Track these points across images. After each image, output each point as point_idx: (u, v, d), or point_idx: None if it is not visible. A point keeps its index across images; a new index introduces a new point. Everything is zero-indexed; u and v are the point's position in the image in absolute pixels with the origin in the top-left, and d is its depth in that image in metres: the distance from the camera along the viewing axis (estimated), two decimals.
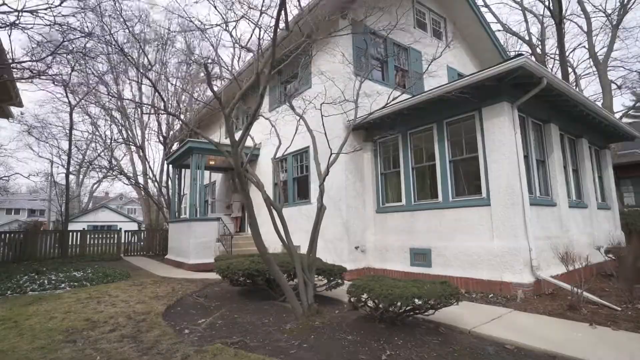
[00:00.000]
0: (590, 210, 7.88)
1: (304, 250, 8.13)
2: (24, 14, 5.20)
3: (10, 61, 5.52)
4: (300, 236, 7.26)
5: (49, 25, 5.44)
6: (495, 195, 5.61)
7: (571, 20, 19.54)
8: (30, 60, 5.93)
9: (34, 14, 5.31)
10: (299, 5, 4.01)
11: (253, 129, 10.52)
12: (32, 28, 5.32)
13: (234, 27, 4.68)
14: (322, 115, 5.55)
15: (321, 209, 4.62)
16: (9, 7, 5.12)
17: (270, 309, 4.77)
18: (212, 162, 11.61)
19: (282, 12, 3.39)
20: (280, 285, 4.27)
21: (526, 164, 6.19)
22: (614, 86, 19.41)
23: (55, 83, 8.35)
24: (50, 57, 6.58)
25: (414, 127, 7.07)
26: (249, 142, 10.67)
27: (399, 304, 3.44)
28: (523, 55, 5.01)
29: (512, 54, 23.42)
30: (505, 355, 3.14)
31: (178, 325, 4.05)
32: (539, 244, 5.55)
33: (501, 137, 5.59)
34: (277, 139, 6.27)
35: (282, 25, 3.84)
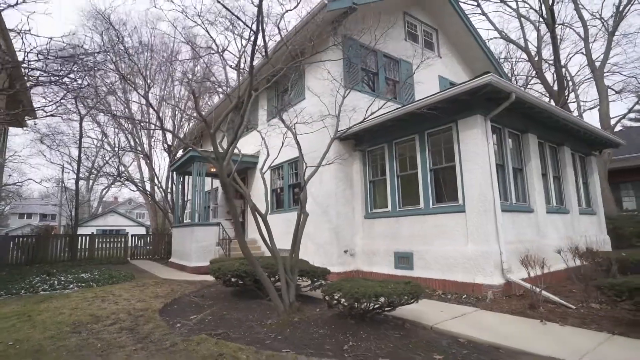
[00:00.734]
0: (572, 215, 8.18)
1: (300, 253, 8.61)
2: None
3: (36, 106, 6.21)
4: (290, 239, 7.69)
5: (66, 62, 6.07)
6: (470, 203, 6.00)
7: (570, 27, 19.80)
8: (48, 110, 6.64)
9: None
10: (280, 34, 4.48)
11: (251, 138, 11.04)
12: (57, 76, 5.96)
13: (223, 51, 5.18)
14: (294, 133, 6.01)
15: (301, 216, 5.07)
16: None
17: (257, 307, 5.21)
18: (213, 170, 12.14)
19: (264, 40, 3.88)
20: (264, 284, 4.73)
21: (502, 173, 6.59)
22: (613, 91, 19.58)
23: (67, 98, 9.00)
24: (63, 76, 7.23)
25: (398, 137, 7.49)
26: (245, 150, 11.19)
27: (363, 301, 3.86)
28: (490, 73, 5.42)
29: (513, 60, 23.69)
30: (455, 347, 3.54)
31: (172, 320, 4.53)
32: (511, 248, 5.91)
33: (474, 147, 5.99)
34: (276, 146, 6.75)
35: (276, 38, 4.32)
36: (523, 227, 6.63)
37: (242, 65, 4.88)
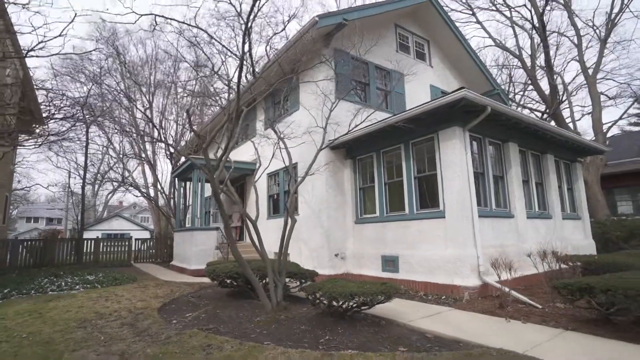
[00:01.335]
0: (554, 220, 8.51)
1: (293, 255, 9.04)
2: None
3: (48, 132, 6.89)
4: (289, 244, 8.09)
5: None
6: (449, 209, 6.38)
7: (564, 35, 20.17)
8: (58, 134, 7.22)
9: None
10: (267, 56, 4.93)
11: (250, 147, 11.45)
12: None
13: (217, 72, 5.63)
14: (285, 144, 6.42)
15: (287, 223, 5.49)
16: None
17: (249, 306, 5.62)
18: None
19: (252, 64, 4.33)
20: (253, 284, 5.14)
21: (482, 180, 6.97)
22: (607, 97, 19.88)
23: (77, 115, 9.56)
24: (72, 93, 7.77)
25: (386, 146, 7.90)
26: (243, 158, 11.62)
27: (340, 299, 4.26)
28: (464, 88, 5.83)
29: (511, 67, 23.99)
30: (422, 341, 3.92)
31: (169, 317, 4.95)
32: (488, 252, 6.25)
33: (453, 157, 6.38)
34: (273, 153, 7.22)
35: (265, 58, 4.77)
36: (503, 232, 6.99)
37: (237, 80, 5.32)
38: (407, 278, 6.93)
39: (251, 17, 3.79)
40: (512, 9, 18.24)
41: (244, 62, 4.38)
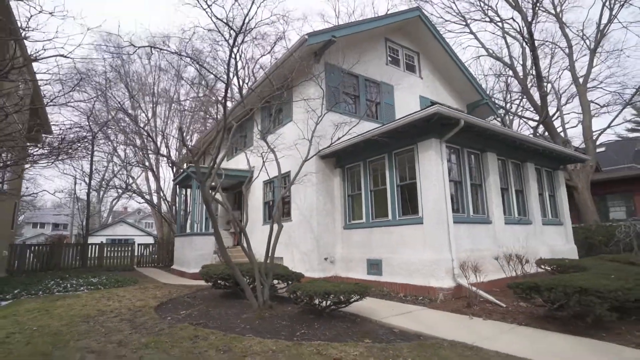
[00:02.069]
0: (534, 226, 8.91)
1: (287, 259, 9.49)
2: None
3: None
4: (280, 248, 8.54)
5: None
6: (427, 216, 6.83)
7: (556, 45, 20.69)
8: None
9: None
10: (254, 77, 5.46)
11: (248, 155, 11.96)
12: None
13: (212, 87, 6.17)
14: (276, 156, 6.93)
15: (272, 229, 5.97)
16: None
17: (238, 305, 6.08)
18: (212, 183, 13.13)
19: (239, 86, 4.86)
20: (240, 285, 5.61)
21: (460, 188, 7.43)
22: (598, 105, 20.26)
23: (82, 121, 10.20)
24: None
25: (371, 156, 8.39)
26: (241, 166, 12.14)
27: (316, 297, 4.72)
28: (438, 104, 6.32)
29: (507, 76, 24.38)
30: (388, 335, 4.36)
31: (164, 315, 5.43)
32: (464, 255, 6.66)
33: (430, 167, 6.85)
34: (263, 164, 7.73)
35: (260, 71, 5.29)
36: (480, 237, 7.41)
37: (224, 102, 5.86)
38: (390, 280, 7.36)
39: (235, 47, 4.31)
40: (503, 21, 18.77)
41: (235, 81, 4.91)
